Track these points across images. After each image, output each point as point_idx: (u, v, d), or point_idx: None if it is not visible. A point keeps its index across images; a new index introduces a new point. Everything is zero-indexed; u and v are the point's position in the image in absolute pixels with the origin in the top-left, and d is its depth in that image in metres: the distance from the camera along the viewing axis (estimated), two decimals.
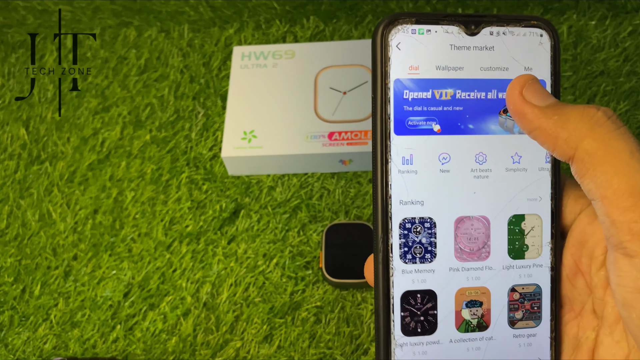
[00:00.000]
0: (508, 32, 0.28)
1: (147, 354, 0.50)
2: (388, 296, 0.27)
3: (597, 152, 0.22)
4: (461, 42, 0.28)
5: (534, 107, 0.24)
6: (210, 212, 0.56)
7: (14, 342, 0.52)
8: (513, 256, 0.28)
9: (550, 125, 0.24)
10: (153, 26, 0.68)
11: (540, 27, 0.28)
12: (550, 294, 0.28)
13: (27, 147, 0.62)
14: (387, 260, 0.28)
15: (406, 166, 0.27)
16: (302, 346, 0.49)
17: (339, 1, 0.65)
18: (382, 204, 0.27)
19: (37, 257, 0.56)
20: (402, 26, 0.27)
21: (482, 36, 0.28)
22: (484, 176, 0.28)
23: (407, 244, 0.28)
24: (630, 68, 0.59)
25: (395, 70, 0.27)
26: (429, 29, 0.27)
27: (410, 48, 0.27)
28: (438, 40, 0.27)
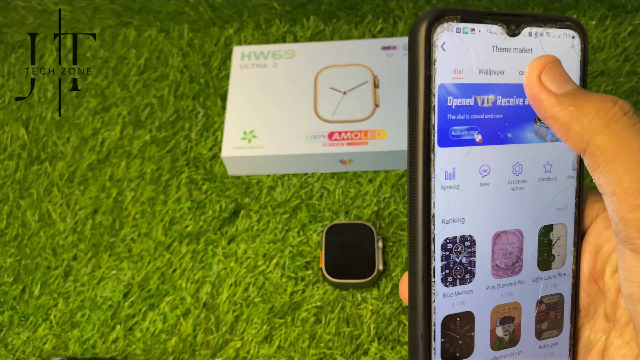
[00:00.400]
0: (545, 33, 0.27)
1: (147, 354, 0.50)
2: (429, 322, 0.26)
3: (609, 149, 0.22)
4: (503, 43, 0.26)
5: (551, 95, 0.23)
6: (210, 212, 0.56)
7: (13, 342, 0.52)
8: (541, 268, 0.28)
9: (565, 116, 0.23)
10: (153, 26, 0.68)
11: (572, 28, 0.27)
12: (571, 301, 0.28)
13: (27, 147, 0.62)
14: (429, 285, 0.26)
15: (449, 181, 0.25)
16: (302, 346, 0.49)
17: (339, 1, 0.64)
18: (424, 223, 0.25)
19: (36, 257, 0.56)
20: (448, 24, 0.25)
21: (522, 37, 0.26)
22: (520, 187, 0.27)
23: (448, 266, 0.26)
24: (630, 68, 0.59)
25: (440, 74, 0.25)
26: (473, 27, 0.25)
27: (456, 49, 0.25)
28: (481, 41, 0.25)
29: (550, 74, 0.24)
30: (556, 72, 0.24)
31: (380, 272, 0.51)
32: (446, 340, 0.26)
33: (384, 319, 0.50)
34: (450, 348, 0.26)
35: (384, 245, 0.52)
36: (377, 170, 0.57)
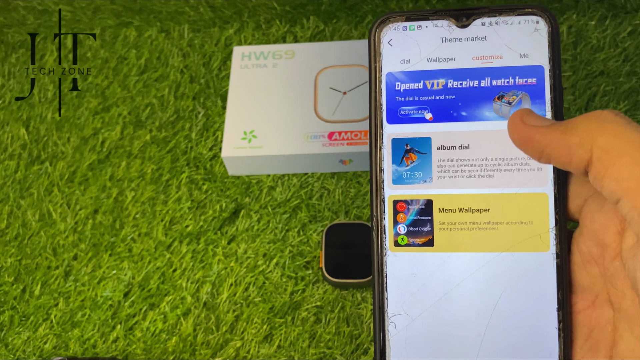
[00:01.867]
0: (501, 22, 0.28)
1: (147, 354, 0.50)
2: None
3: (613, 147, 0.22)
4: (452, 34, 0.29)
5: (539, 127, 0.24)
6: (211, 212, 0.56)
7: (14, 342, 0.52)
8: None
9: (559, 136, 0.23)
10: (153, 26, 0.68)
11: (535, 14, 0.28)
12: (557, 282, 0.28)
13: (27, 147, 0.62)
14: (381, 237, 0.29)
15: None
16: (302, 346, 0.49)
17: (339, 1, 0.65)
18: (376, 187, 0.29)
19: (37, 257, 0.56)
20: (393, 24, 0.29)
21: (473, 27, 0.28)
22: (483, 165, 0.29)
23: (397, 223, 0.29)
24: (630, 68, 0.59)
25: (386, 64, 0.29)
26: (420, 24, 0.29)
27: (402, 44, 0.29)
28: (429, 34, 0.29)
29: (531, 116, 0.25)
30: (535, 114, 0.26)
31: None
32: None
33: None
34: None
35: None
36: None
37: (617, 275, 0.25)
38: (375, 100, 0.30)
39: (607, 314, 0.26)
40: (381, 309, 0.28)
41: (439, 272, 0.28)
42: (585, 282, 0.27)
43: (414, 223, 0.29)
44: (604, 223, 0.25)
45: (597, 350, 0.26)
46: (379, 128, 0.29)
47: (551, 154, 0.24)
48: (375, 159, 0.29)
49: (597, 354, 0.26)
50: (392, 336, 0.28)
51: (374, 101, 0.30)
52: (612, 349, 0.25)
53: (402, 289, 0.28)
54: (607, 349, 0.25)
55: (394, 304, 0.28)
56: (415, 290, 0.28)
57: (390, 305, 0.28)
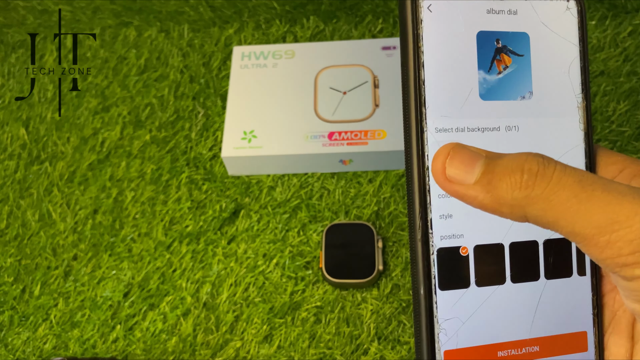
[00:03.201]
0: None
1: (147, 354, 0.50)
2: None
3: (545, 215, 0.22)
4: (492, 5, 0.27)
5: (467, 189, 0.23)
6: (210, 212, 0.56)
7: (13, 342, 0.52)
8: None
9: (490, 204, 0.23)
10: (153, 26, 0.68)
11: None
12: (590, 268, 0.27)
13: (27, 147, 0.62)
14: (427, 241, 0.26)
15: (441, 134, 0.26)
16: (302, 346, 0.49)
17: (339, 1, 0.64)
18: (419, 175, 0.26)
19: (37, 257, 0.56)
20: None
21: (513, 0, 0.27)
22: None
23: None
24: (630, 68, 0.59)
25: (428, 33, 0.26)
26: None
27: (443, 10, 0.26)
28: (471, 3, 0.26)
29: (454, 164, 0.23)
30: (458, 159, 0.23)
31: (380, 272, 0.51)
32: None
33: (384, 318, 0.50)
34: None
35: (384, 245, 0.52)
36: (377, 170, 0.57)
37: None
38: (415, 74, 0.26)
39: (627, 343, 0.26)
40: (429, 315, 0.26)
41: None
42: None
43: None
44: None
45: (620, 331, 0.26)
46: (421, 106, 0.26)
47: (486, 211, 0.23)
48: (417, 146, 0.26)
49: (619, 336, 0.26)
50: (443, 344, 0.26)
51: (414, 75, 0.26)
52: (633, 328, 0.26)
53: (452, 291, 0.26)
54: (628, 329, 0.26)
55: (444, 308, 0.26)
56: (465, 290, 0.26)
57: (440, 310, 0.26)
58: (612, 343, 0.27)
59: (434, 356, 0.26)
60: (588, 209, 0.21)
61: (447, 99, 0.26)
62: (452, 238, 0.26)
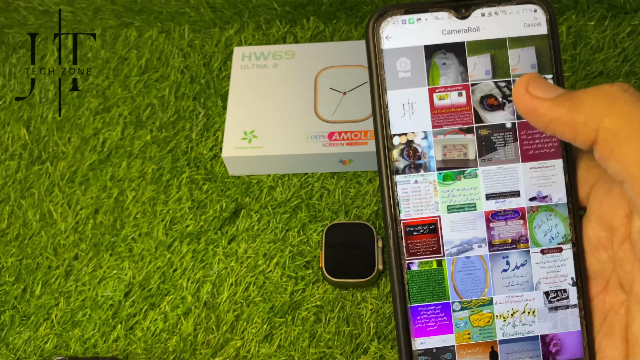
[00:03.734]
0: (500, 12, 0.28)
1: (148, 354, 0.50)
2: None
3: (620, 130, 0.21)
4: (452, 26, 0.28)
5: (544, 100, 0.23)
6: (211, 212, 0.56)
7: (14, 341, 0.52)
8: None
9: (565, 113, 0.23)
10: (154, 27, 0.68)
11: (533, 2, 0.28)
12: (574, 271, 0.28)
13: (28, 147, 0.62)
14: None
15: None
16: (302, 345, 0.49)
17: (339, 2, 0.65)
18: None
19: (38, 256, 0.56)
20: (392, 18, 0.28)
21: (473, 18, 0.28)
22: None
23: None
24: (629, 68, 0.59)
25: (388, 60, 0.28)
26: (419, 17, 0.28)
27: (401, 38, 0.28)
28: (429, 27, 0.28)
29: (537, 84, 0.24)
30: (542, 82, 0.24)
31: (380, 271, 0.51)
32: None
33: (384, 318, 0.50)
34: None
35: (383, 245, 0.53)
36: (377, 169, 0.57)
37: (627, 259, 0.25)
38: (379, 98, 0.28)
39: (619, 298, 0.26)
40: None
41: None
42: (595, 268, 0.27)
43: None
44: (612, 206, 0.25)
45: (613, 333, 0.26)
46: (386, 128, 0.28)
47: (556, 130, 0.23)
48: (386, 169, 0.28)
49: (612, 338, 0.26)
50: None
51: (379, 99, 0.28)
52: (627, 331, 0.25)
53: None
54: (621, 332, 0.26)
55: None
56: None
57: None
58: (605, 345, 0.26)
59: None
60: None
61: (409, 119, 0.29)
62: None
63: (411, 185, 0.28)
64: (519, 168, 0.28)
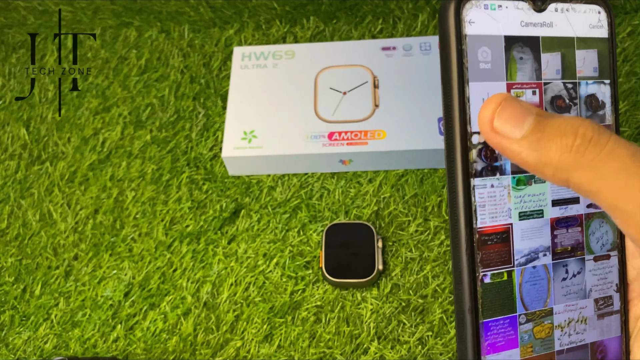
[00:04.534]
0: (571, 9, 0.28)
1: (148, 354, 0.50)
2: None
3: (590, 182, 0.21)
4: (530, 18, 0.27)
5: (512, 142, 0.22)
6: (211, 212, 0.56)
7: (14, 341, 0.52)
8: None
9: (533, 162, 0.22)
10: (153, 27, 0.68)
11: (597, 3, 0.28)
12: (618, 277, 0.28)
13: (27, 147, 0.62)
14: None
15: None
16: (302, 346, 0.49)
17: (339, 2, 0.65)
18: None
19: (37, 256, 0.56)
20: (476, 1, 0.26)
21: (548, 12, 0.27)
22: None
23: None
24: (629, 68, 0.59)
25: (472, 45, 0.26)
26: (500, 4, 0.27)
27: (484, 24, 0.26)
28: (509, 16, 0.27)
29: (503, 116, 0.23)
30: (509, 112, 0.23)
31: (380, 271, 0.51)
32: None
33: (384, 318, 0.50)
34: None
35: (383, 245, 0.53)
36: (377, 170, 0.57)
37: None
38: (460, 88, 0.25)
39: None
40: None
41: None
42: (631, 275, 0.27)
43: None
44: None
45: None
46: (465, 108, 0.25)
47: (526, 169, 0.23)
48: (463, 165, 0.25)
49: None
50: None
51: (459, 88, 0.26)
52: None
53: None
54: None
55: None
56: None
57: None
58: (637, 349, 0.27)
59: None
60: (635, 185, 0.20)
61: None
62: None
63: (487, 189, 0.26)
64: None
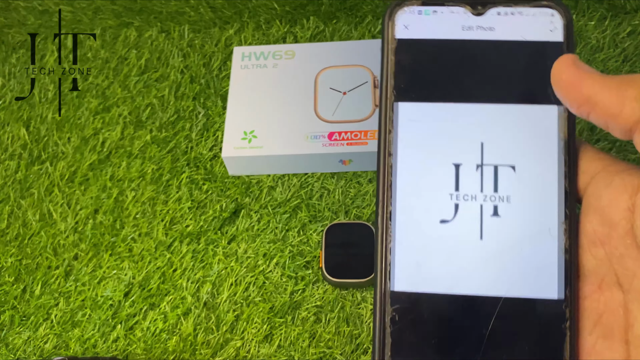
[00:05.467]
0: (516, 12, 0.27)
1: (148, 354, 0.50)
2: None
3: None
4: (468, 22, 0.27)
5: (592, 73, 0.22)
6: (211, 212, 0.56)
7: (14, 341, 0.52)
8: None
9: (614, 85, 0.22)
10: (153, 27, 0.68)
11: (550, 6, 0.27)
12: (565, 267, 0.26)
13: (27, 147, 0.62)
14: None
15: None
16: (302, 346, 0.49)
17: (339, 2, 0.65)
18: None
19: (37, 256, 0.56)
20: (409, 7, 0.28)
21: (489, 16, 0.27)
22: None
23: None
24: (629, 68, 0.59)
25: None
26: (435, 10, 0.28)
27: (418, 28, 0.28)
28: (445, 20, 0.28)
29: (582, 62, 0.23)
30: (585, 64, 0.23)
31: None
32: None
33: None
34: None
35: None
36: None
37: (628, 255, 0.23)
38: (386, 79, 0.28)
39: (616, 297, 0.24)
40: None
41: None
42: (589, 265, 0.25)
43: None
44: (613, 199, 0.24)
45: (611, 335, 0.24)
46: (388, 110, 0.28)
47: (598, 103, 0.22)
48: (384, 147, 0.27)
49: (611, 339, 0.24)
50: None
51: (385, 79, 0.28)
52: (627, 332, 0.24)
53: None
54: (621, 333, 0.24)
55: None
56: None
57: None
58: (602, 347, 0.25)
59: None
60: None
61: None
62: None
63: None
64: None
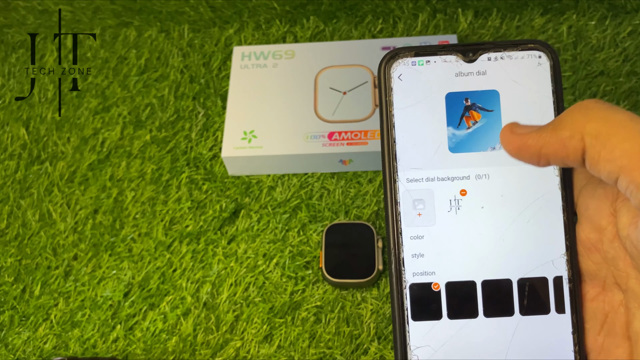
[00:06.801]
0: (506, 57, 0.29)
1: (147, 354, 0.50)
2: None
3: (601, 131, 0.23)
4: (461, 69, 0.29)
5: (530, 133, 0.25)
6: (211, 212, 0.56)
7: (14, 342, 0.52)
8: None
9: (551, 134, 0.24)
10: (153, 26, 0.68)
11: (537, 49, 0.29)
12: (570, 308, 0.28)
13: (27, 147, 0.62)
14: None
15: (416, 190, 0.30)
16: (302, 346, 0.49)
17: (339, 1, 0.65)
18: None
19: (37, 257, 0.56)
20: (403, 59, 0.29)
21: (480, 62, 0.29)
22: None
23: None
24: (630, 68, 0.59)
25: (398, 98, 0.30)
26: (429, 60, 0.29)
27: (412, 78, 0.30)
28: (439, 69, 0.29)
29: (519, 126, 0.26)
30: (521, 125, 0.26)
31: (380, 271, 0.51)
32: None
33: (384, 318, 0.50)
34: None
35: (383, 245, 0.53)
36: (377, 170, 0.57)
37: (618, 257, 0.26)
38: (388, 135, 0.30)
39: (617, 297, 0.27)
40: (403, 342, 0.28)
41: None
42: (591, 270, 0.28)
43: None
44: (598, 207, 0.26)
45: (615, 333, 0.27)
46: (393, 161, 0.30)
47: (548, 154, 0.25)
48: (391, 194, 0.30)
49: (615, 337, 0.27)
50: None
51: (387, 136, 0.30)
52: (628, 329, 0.26)
53: (424, 322, 0.28)
54: (622, 330, 0.26)
55: (417, 337, 0.28)
56: (437, 321, 0.28)
57: (412, 338, 0.28)
58: (609, 345, 0.27)
59: None
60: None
61: (416, 153, 0.30)
62: (424, 275, 0.29)
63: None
64: None
